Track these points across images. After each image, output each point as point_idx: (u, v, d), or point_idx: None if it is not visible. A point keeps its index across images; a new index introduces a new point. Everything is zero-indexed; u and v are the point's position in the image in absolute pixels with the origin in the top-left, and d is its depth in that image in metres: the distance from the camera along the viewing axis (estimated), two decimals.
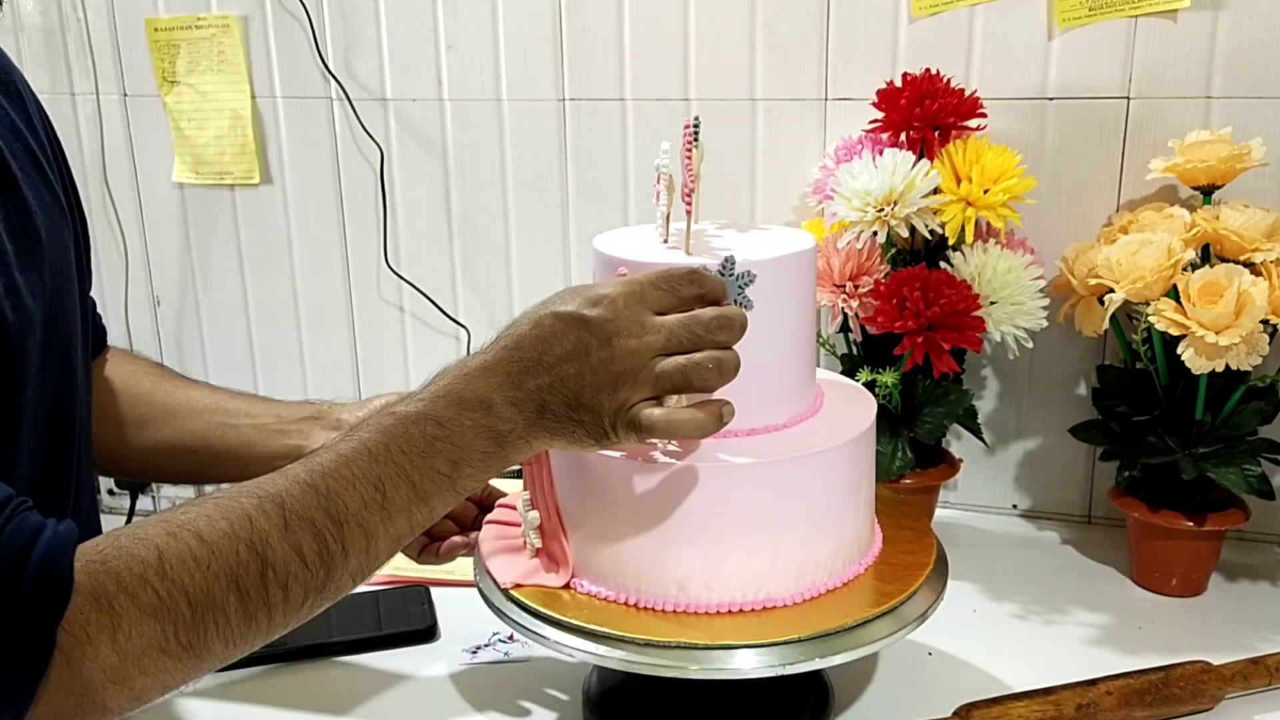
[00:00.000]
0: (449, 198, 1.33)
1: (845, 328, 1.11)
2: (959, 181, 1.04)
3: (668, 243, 0.81)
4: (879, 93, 1.08)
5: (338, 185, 1.36)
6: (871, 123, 1.08)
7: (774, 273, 0.76)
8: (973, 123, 1.08)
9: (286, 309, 1.43)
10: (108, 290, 1.46)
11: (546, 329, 0.68)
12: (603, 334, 0.67)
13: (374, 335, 1.41)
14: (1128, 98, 1.08)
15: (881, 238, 1.04)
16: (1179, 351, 0.94)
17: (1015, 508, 1.23)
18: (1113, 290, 0.97)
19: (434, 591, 1.03)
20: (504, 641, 0.96)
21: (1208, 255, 1.00)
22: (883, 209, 1.02)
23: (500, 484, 0.89)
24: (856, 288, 1.06)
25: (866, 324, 1.05)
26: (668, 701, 0.85)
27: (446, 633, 0.98)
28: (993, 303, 1.05)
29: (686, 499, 0.74)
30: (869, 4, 1.13)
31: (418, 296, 1.36)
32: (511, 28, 1.25)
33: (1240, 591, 1.04)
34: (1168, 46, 1.06)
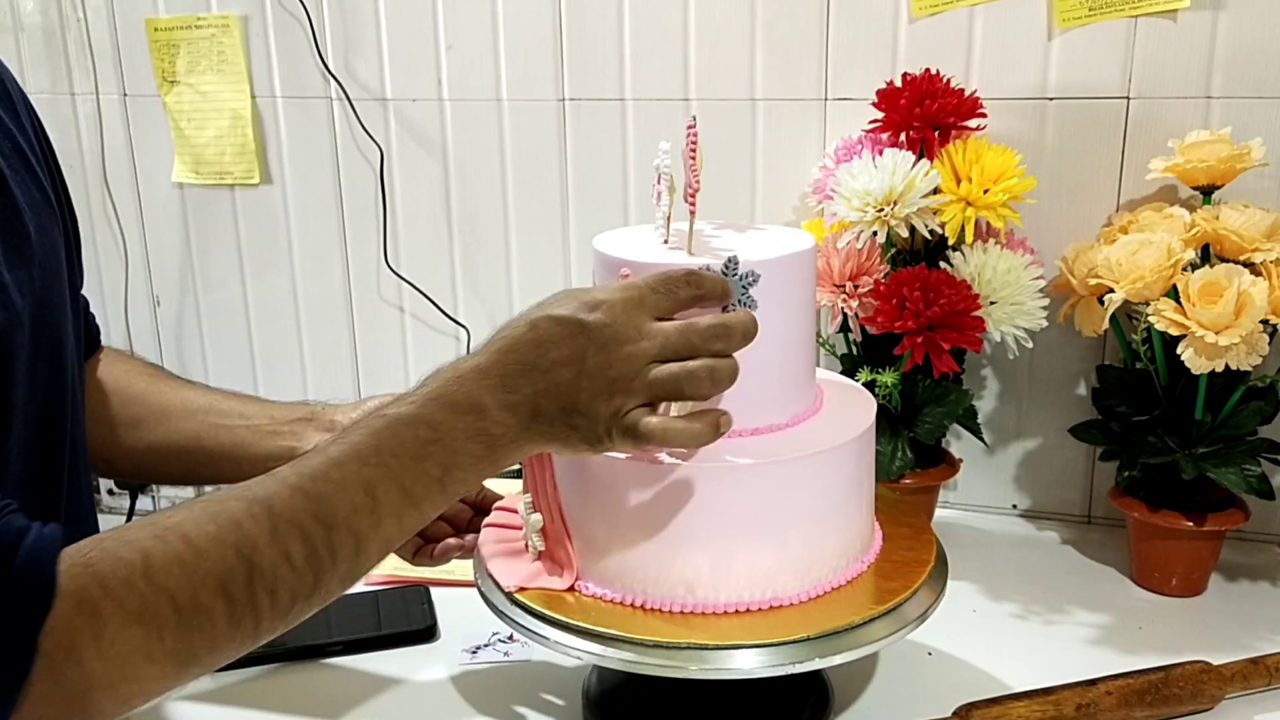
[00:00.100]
0: (449, 198, 1.33)
1: (845, 328, 1.11)
2: (959, 181, 1.04)
3: (669, 243, 0.81)
4: (879, 93, 1.08)
5: (337, 185, 1.36)
6: (871, 123, 1.08)
7: (775, 273, 0.75)
8: (972, 123, 1.08)
9: (286, 309, 1.43)
10: (108, 290, 1.46)
11: (543, 332, 0.67)
12: (600, 339, 0.66)
13: (374, 335, 1.41)
14: (1128, 98, 1.08)
15: (881, 238, 1.04)
16: (1179, 351, 0.94)
17: (1015, 508, 1.23)
18: (1112, 290, 0.97)
19: (434, 591, 1.03)
20: (504, 642, 0.96)
21: (1208, 255, 1.00)
22: (883, 209, 1.02)
23: (497, 485, 0.89)
24: (856, 288, 1.06)
25: (866, 324, 1.05)
26: (667, 702, 0.85)
27: (446, 633, 0.98)
28: (993, 303, 1.05)
29: (693, 500, 0.74)
30: (869, 4, 1.13)
31: (417, 296, 1.36)
32: (511, 28, 1.25)
33: (1240, 591, 1.04)
34: (1168, 46, 1.06)
